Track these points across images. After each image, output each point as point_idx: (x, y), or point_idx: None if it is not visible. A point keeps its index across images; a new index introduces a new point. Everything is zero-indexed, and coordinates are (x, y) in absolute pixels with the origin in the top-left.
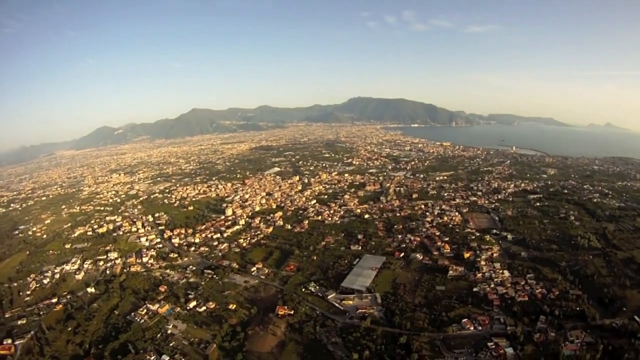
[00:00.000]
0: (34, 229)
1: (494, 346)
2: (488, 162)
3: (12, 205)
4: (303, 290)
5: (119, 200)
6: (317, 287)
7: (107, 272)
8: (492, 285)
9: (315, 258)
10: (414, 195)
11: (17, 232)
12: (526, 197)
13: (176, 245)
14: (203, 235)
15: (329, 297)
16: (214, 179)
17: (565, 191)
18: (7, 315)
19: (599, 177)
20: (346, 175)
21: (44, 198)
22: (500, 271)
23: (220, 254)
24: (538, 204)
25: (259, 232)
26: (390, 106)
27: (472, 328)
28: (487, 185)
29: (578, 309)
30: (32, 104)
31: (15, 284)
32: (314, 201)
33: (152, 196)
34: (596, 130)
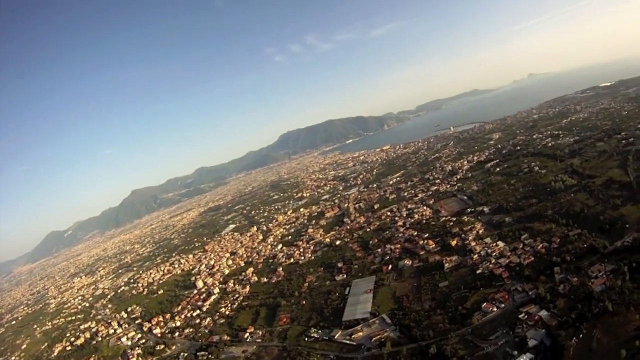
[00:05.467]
0: (12, 358)
1: (526, 316)
2: (432, 149)
3: None
4: (306, 339)
5: (87, 305)
6: (319, 330)
7: None
8: (493, 261)
9: (304, 302)
10: (376, 206)
11: None
12: (483, 167)
13: (159, 335)
14: (182, 316)
15: (335, 336)
16: (174, 255)
17: (518, 147)
18: None
19: (543, 123)
20: (302, 209)
21: (13, 322)
22: (494, 244)
23: (206, 331)
24: (498, 169)
25: (237, 295)
26: (320, 131)
27: (495, 309)
28: (442, 170)
29: (585, 245)
30: None
31: None
32: (280, 246)
33: (119, 291)
34: (520, 84)
